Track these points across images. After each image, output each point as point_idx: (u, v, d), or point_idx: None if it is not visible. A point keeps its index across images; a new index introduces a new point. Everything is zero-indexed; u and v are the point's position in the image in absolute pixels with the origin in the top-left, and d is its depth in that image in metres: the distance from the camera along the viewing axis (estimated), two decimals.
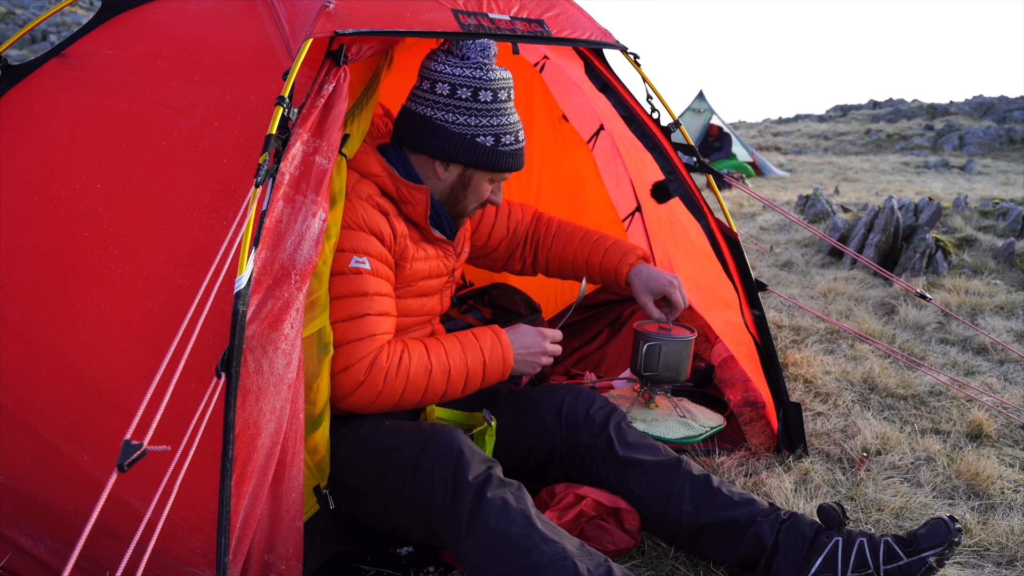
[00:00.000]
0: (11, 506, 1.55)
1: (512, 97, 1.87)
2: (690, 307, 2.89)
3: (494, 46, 1.83)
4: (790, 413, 2.35)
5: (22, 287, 1.54)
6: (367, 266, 1.73)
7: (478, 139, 1.81)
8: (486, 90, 1.79)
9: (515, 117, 1.87)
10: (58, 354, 1.49)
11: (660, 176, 2.38)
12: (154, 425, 1.03)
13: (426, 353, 1.80)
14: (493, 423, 1.87)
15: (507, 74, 1.86)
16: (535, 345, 1.94)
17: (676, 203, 2.39)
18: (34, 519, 1.54)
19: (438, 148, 1.83)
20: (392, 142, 1.92)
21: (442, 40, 2.05)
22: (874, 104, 34.09)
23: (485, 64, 1.80)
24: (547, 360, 1.97)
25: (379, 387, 1.72)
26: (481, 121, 1.81)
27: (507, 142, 1.85)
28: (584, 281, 2.30)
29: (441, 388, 1.81)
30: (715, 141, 13.10)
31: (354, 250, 1.72)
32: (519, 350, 1.92)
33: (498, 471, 1.61)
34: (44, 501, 1.52)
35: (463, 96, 1.79)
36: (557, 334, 2.00)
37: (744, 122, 33.94)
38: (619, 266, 2.25)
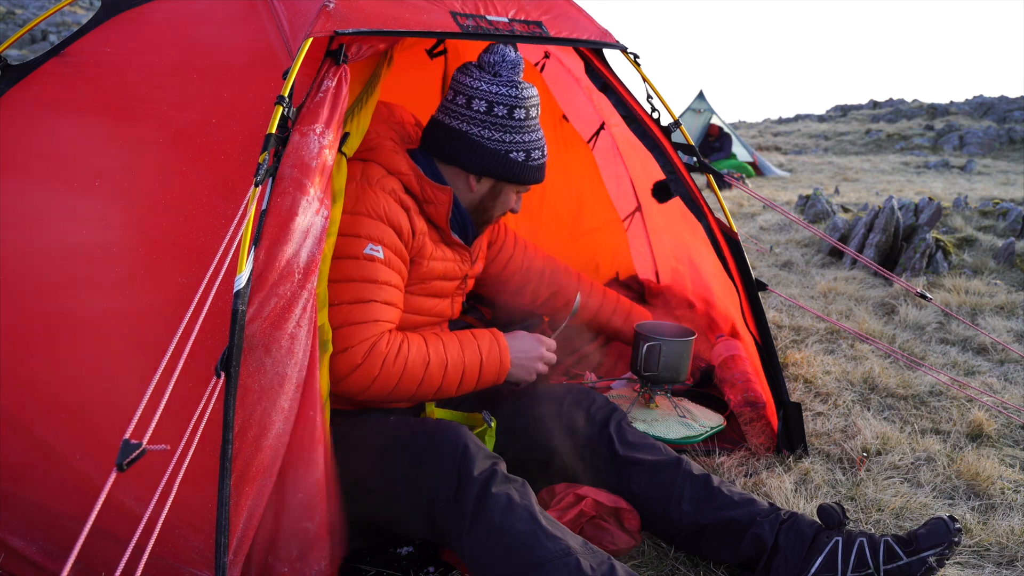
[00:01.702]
0: (2, 507, 1.55)
1: (539, 113, 1.95)
2: (694, 306, 2.89)
3: (523, 63, 1.90)
4: (790, 413, 2.35)
5: (20, 286, 1.54)
6: (380, 255, 1.77)
7: (511, 155, 1.89)
8: (520, 108, 1.87)
9: (541, 133, 1.96)
10: (54, 352, 1.49)
11: (660, 175, 2.38)
12: (153, 424, 1.03)
13: (425, 346, 1.82)
14: (493, 424, 1.88)
15: (536, 91, 1.93)
16: (532, 351, 1.99)
17: (676, 202, 2.39)
18: (26, 520, 1.53)
19: (474, 163, 1.90)
20: (421, 149, 1.97)
21: (436, 40, 2.07)
22: (874, 104, 34.08)
23: (518, 82, 1.88)
24: (543, 367, 2.02)
25: (375, 372, 1.73)
26: (515, 138, 1.88)
27: (536, 157, 1.93)
28: (578, 296, 2.35)
29: (436, 382, 1.83)
30: (715, 141, 13.08)
31: (370, 237, 1.76)
32: (516, 355, 1.96)
33: (503, 467, 1.62)
34: (36, 502, 1.51)
35: (499, 113, 1.86)
36: (553, 343, 2.05)
37: (744, 122, 33.93)
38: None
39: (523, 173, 1.92)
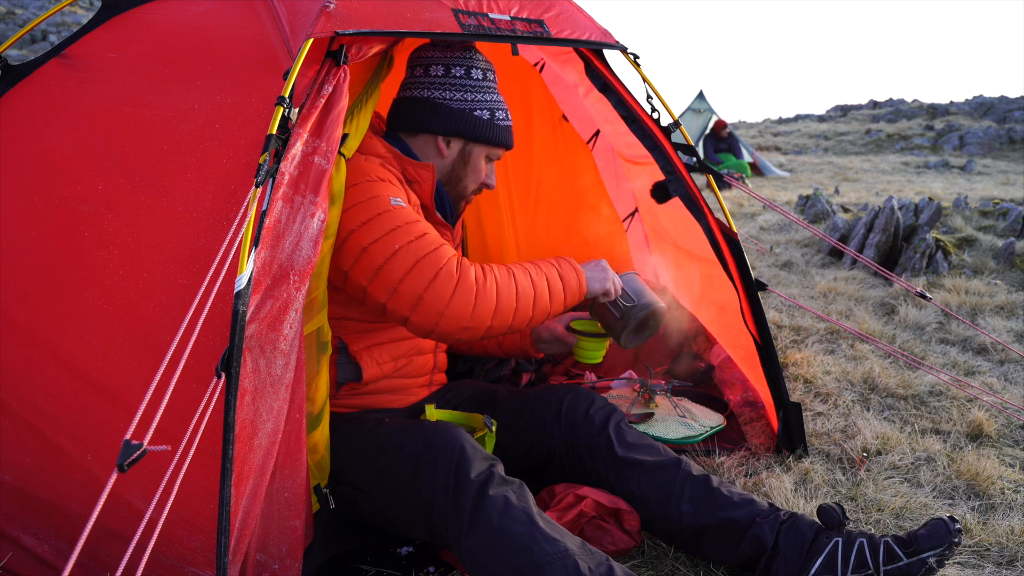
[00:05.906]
0: (14, 505, 1.55)
1: (496, 80, 1.99)
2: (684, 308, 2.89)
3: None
4: (790, 413, 2.35)
5: (25, 287, 1.54)
6: (404, 204, 1.74)
7: (475, 112, 1.92)
8: (476, 68, 1.92)
9: (502, 97, 1.99)
10: (61, 354, 1.49)
11: (656, 179, 2.38)
12: (154, 425, 1.03)
13: (502, 266, 1.78)
14: (494, 427, 1.88)
15: (489, 61, 1.99)
16: (596, 265, 1.96)
17: (671, 205, 2.39)
18: (37, 518, 1.54)
19: (440, 124, 1.91)
20: (388, 133, 1.97)
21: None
22: (874, 104, 34.06)
23: (471, 47, 1.95)
24: (614, 280, 1.96)
25: (473, 288, 1.66)
26: (476, 96, 1.92)
27: (500, 117, 1.96)
28: None
29: (530, 296, 1.76)
30: (723, 142, 12.83)
31: (389, 193, 1.74)
32: (586, 269, 1.93)
33: (500, 469, 1.62)
34: (47, 500, 1.52)
35: (457, 74, 1.90)
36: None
37: (744, 122, 33.92)
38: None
39: (490, 131, 1.93)
